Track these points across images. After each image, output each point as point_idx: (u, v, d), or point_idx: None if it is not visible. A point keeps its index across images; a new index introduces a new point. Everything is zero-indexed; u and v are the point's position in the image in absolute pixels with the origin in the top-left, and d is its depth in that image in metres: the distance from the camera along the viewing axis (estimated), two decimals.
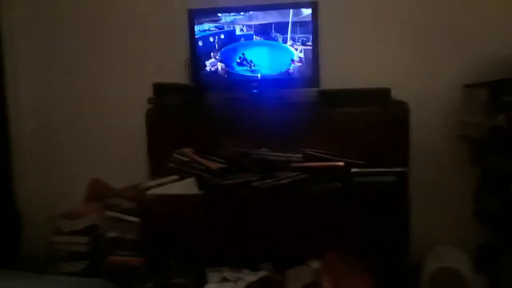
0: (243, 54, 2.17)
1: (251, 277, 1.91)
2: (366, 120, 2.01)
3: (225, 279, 1.94)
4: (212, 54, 2.19)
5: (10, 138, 2.43)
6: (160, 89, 2.14)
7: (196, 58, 2.20)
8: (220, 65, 2.20)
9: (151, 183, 2.02)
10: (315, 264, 1.92)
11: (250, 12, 2.14)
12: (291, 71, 2.15)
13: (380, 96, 2.02)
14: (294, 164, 1.96)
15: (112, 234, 2.05)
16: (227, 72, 2.20)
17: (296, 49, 2.13)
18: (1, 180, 2.39)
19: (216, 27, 2.17)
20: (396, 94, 2.03)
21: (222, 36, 2.18)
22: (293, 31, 2.11)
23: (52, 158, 2.50)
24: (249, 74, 2.18)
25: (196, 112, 2.16)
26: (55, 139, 2.48)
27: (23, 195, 2.47)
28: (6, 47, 2.38)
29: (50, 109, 2.47)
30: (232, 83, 2.20)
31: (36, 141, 2.50)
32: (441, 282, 1.86)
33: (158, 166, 2.07)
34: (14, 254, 2.36)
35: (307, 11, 2.09)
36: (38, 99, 2.48)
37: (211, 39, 2.18)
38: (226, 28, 2.17)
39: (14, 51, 2.42)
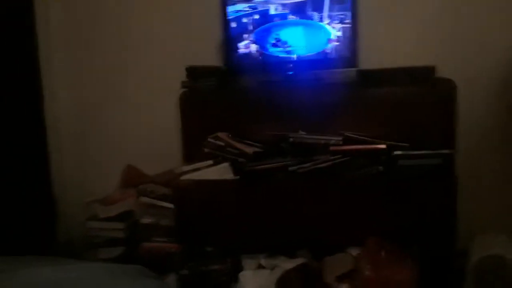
0: (277, 34, 2.10)
1: (288, 264, 1.86)
2: (409, 100, 1.91)
3: (261, 266, 1.91)
4: (245, 35, 2.12)
5: (46, 126, 2.44)
6: (193, 73, 2.09)
7: (229, 40, 2.13)
8: (254, 47, 2.13)
9: (186, 168, 1.99)
10: (354, 252, 1.85)
11: None
12: (328, 51, 2.06)
13: (424, 74, 1.92)
14: (333, 147, 1.88)
15: (147, 220, 2.04)
16: (262, 54, 2.12)
17: (333, 28, 2.03)
18: (38, 167, 2.42)
19: (249, 7, 2.09)
20: (441, 72, 1.92)
21: (256, 17, 2.10)
22: (330, 9, 2.02)
23: (87, 145, 2.50)
24: (284, 55, 2.10)
25: (231, 95, 2.10)
26: (89, 126, 2.48)
27: (59, 182, 2.49)
28: (40, 34, 2.39)
29: (84, 96, 2.47)
30: (266, 65, 2.12)
31: (71, 129, 2.50)
32: (488, 270, 1.77)
33: (192, 151, 2.03)
34: (51, 240, 2.39)
35: None
36: (72, 88, 2.47)
37: (245, 20, 2.11)
38: (259, 8, 2.09)
39: (48, 39, 2.41)
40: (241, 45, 2.13)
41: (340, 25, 2.02)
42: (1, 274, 1.15)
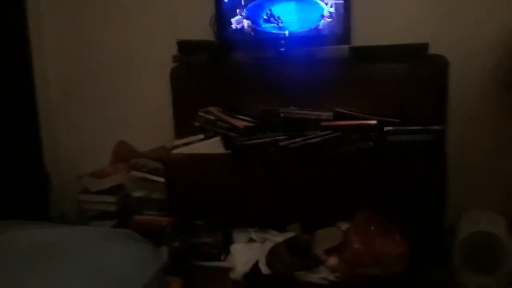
0: (270, 10, 2.08)
1: (278, 238, 1.89)
2: (401, 77, 1.91)
3: (251, 240, 1.93)
4: (237, 10, 2.10)
5: (37, 100, 2.44)
6: (185, 47, 2.09)
7: (222, 15, 2.12)
8: (246, 22, 2.11)
9: (177, 142, 1.99)
10: (344, 226, 1.87)
11: None
12: (320, 27, 2.04)
13: (417, 51, 1.90)
14: (324, 123, 1.88)
15: (138, 193, 2.06)
16: (254, 30, 2.11)
17: (326, 4, 2.02)
18: (29, 141, 2.42)
19: None
20: (435, 49, 1.91)
21: None
22: None
23: (78, 120, 2.50)
24: (277, 31, 2.09)
25: (223, 70, 2.10)
26: (80, 100, 2.48)
27: (51, 157, 2.50)
28: (30, 9, 2.37)
29: (75, 70, 2.46)
30: (258, 41, 2.11)
31: (62, 103, 2.50)
32: (476, 246, 1.79)
33: (184, 126, 2.03)
34: (44, 214, 2.40)
35: None
36: (63, 61, 2.47)
37: None
38: None
39: (37, 13, 2.40)
40: (234, 20, 2.11)
41: (333, 1, 2.00)
42: None
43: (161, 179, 2.01)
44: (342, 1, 2.00)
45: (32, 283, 1.01)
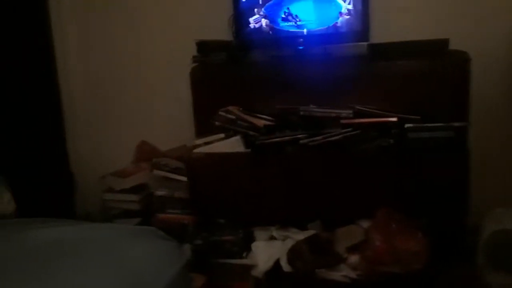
0: (288, 8, 2.09)
1: (299, 235, 1.89)
2: (420, 73, 1.89)
3: (272, 238, 1.94)
4: (255, 10, 2.11)
5: (61, 103, 2.49)
6: (204, 47, 2.10)
7: (240, 14, 2.13)
8: (264, 21, 2.12)
9: (198, 142, 2.01)
10: (365, 224, 1.86)
11: None
12: (339, 24, 2.04)
13: (438, 47, 1.88)
14: (344, 121, 1.88)
15: (161, 192, 2.08)
16: (272, 29, 2.12)
17: (344, 1, 2.01)
18: (55, 143, 2.47)
19: None
20: (456, 45, 1.89)
21: None
22: None
23: (101, 121, 2.55)
24: (295, 29, 2.09)
25: (241, 69, 2.11)
26: (103, 102, 2.53)
27: (75, 157, 2.55)
28: (53, 12, 2.42)
29: (97, 72, 2.51)
30: (277, 40, 2.12)
31: (85, 105, 2.55)
32: (500, 245, 1.75)
33: (204, 125, 2.05)
34: (69, 214, 2.45)
35: None
36: (86, 64, 2.51)
37: None
38: None
39: (60, 16, 2.45)
40: (252, 19, 2.12)
41: None
42: (19, 233, 1.20)
43: (183, 178, 2.04)
44: None
45: (50, 278, 1.03)
